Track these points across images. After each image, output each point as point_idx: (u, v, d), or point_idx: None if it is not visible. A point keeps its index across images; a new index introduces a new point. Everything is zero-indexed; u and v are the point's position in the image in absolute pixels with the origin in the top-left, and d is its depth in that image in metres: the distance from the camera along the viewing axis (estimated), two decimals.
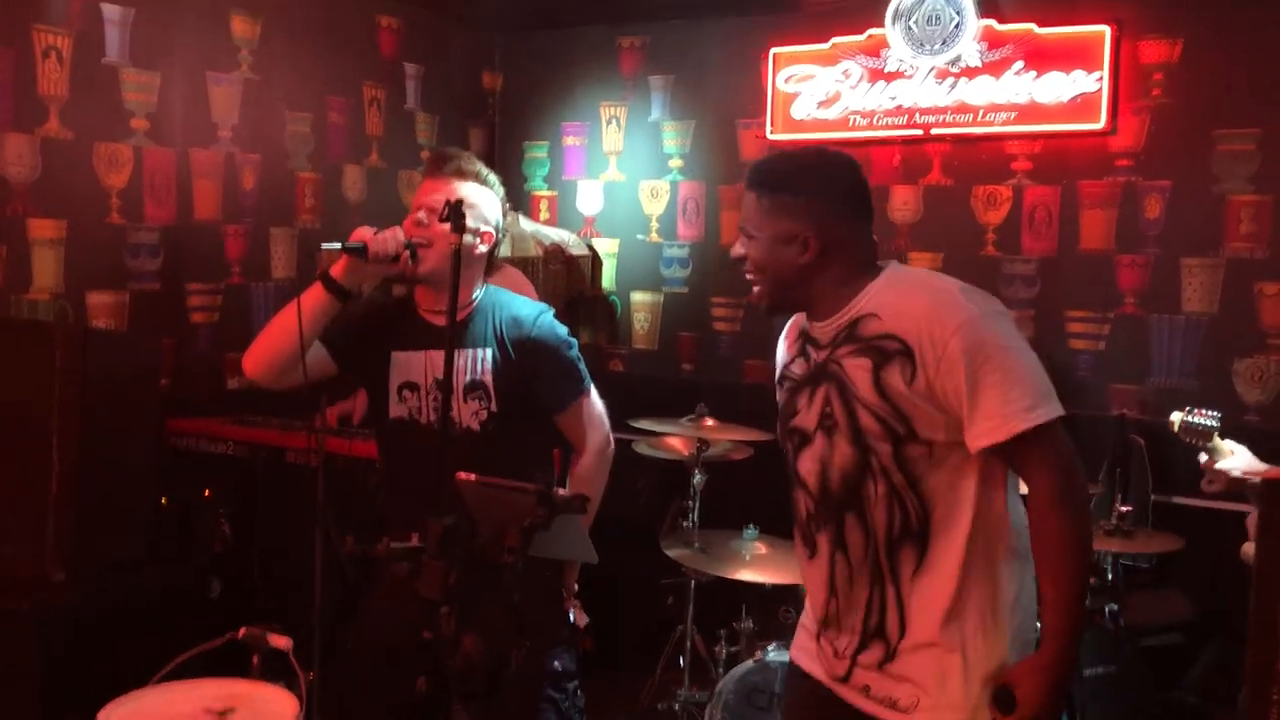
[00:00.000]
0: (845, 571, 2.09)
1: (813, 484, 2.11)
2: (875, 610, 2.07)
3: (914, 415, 1.97)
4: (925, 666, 2.03)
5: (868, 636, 2.08)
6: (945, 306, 1.97)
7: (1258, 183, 4.38)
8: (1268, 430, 4.18)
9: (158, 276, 4.37)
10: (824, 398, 2.08)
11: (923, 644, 2.03)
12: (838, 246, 2.07)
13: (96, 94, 4.12)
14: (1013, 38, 4.71)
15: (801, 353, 2.16)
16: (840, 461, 2.05)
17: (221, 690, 2.09)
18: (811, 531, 2.14)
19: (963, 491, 2.01)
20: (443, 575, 1.98)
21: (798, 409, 2.13)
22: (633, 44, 5.68)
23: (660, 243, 5.66)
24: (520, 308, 2.71)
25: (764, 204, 2.08)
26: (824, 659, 2.20)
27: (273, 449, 4.06)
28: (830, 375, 2.07)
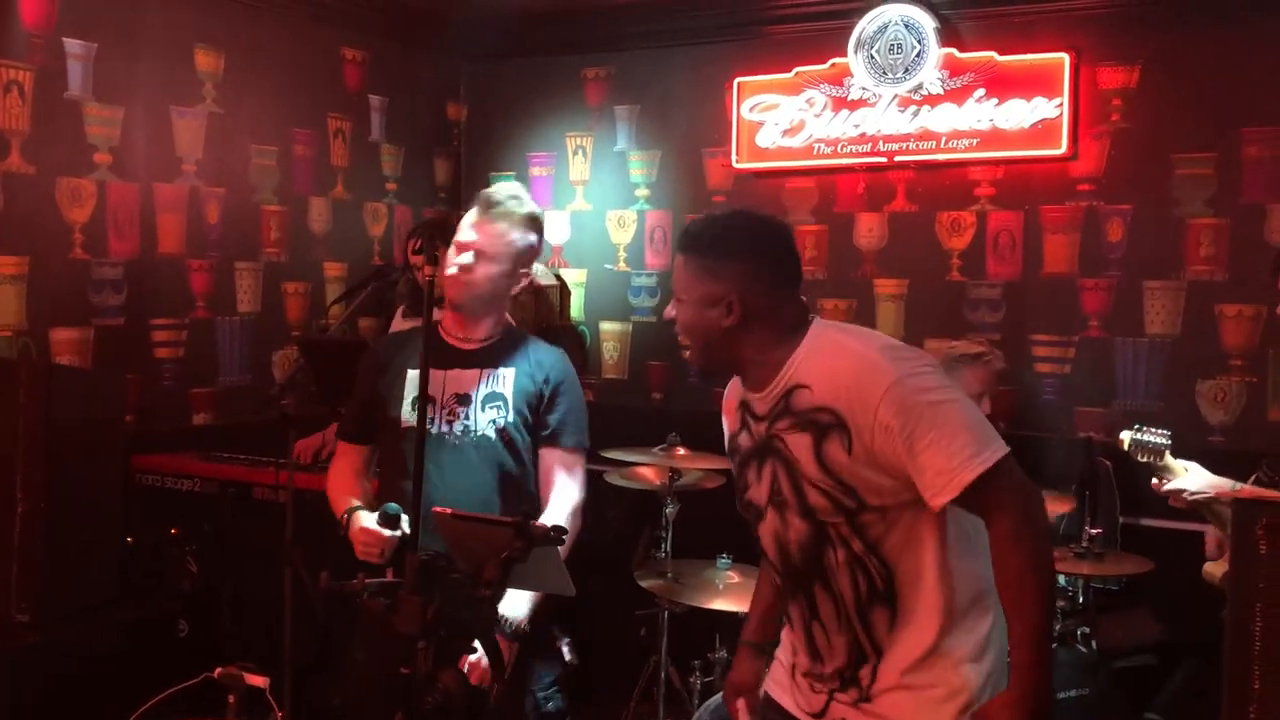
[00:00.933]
0: (823, 637, 2.10)
1: (774, 556, 2.13)
2: (853, 664, 2.08)
3: (859, 486, 1.97)
4: (902, 705, 2.04)
5: (845, 682, 2.10)
6: (868, 373, 1.95)
7: (1215, 206, 4.45)
8: (1231, 450, 4.23)
9: (122, 312, 4.33)
10: (771, 474, 2.07)
11: (902, 683, 2.03)
12: (761, 312, 2.05)
13: (59, 128, 4.09)
14: (974, 65, 4.77)
15: (744, 424, 2.15)
16: (796, 536, 2.06)
17: None
18: (787, 601, 2.18)
19: (923, 546, 2.01)
20: (420, 610, 1.96)
21: (749, 483, 2.14)
22: (598, 74, 5.71)
23: (628, 272, 5.67)
24: (547, 350, 2.84)
25: (690, 267, 2.08)
26: (798, 693, 2.20)
27: (240, 485, 4.03)
28: (774, 451, 2.06)
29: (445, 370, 2.70)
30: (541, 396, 2.73)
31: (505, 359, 2.75)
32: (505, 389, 2.71)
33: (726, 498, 4.23)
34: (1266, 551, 1.46)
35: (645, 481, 4.44)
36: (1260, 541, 1.46)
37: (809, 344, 2.04)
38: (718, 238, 2.09)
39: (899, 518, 1.99)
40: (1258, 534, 1.46)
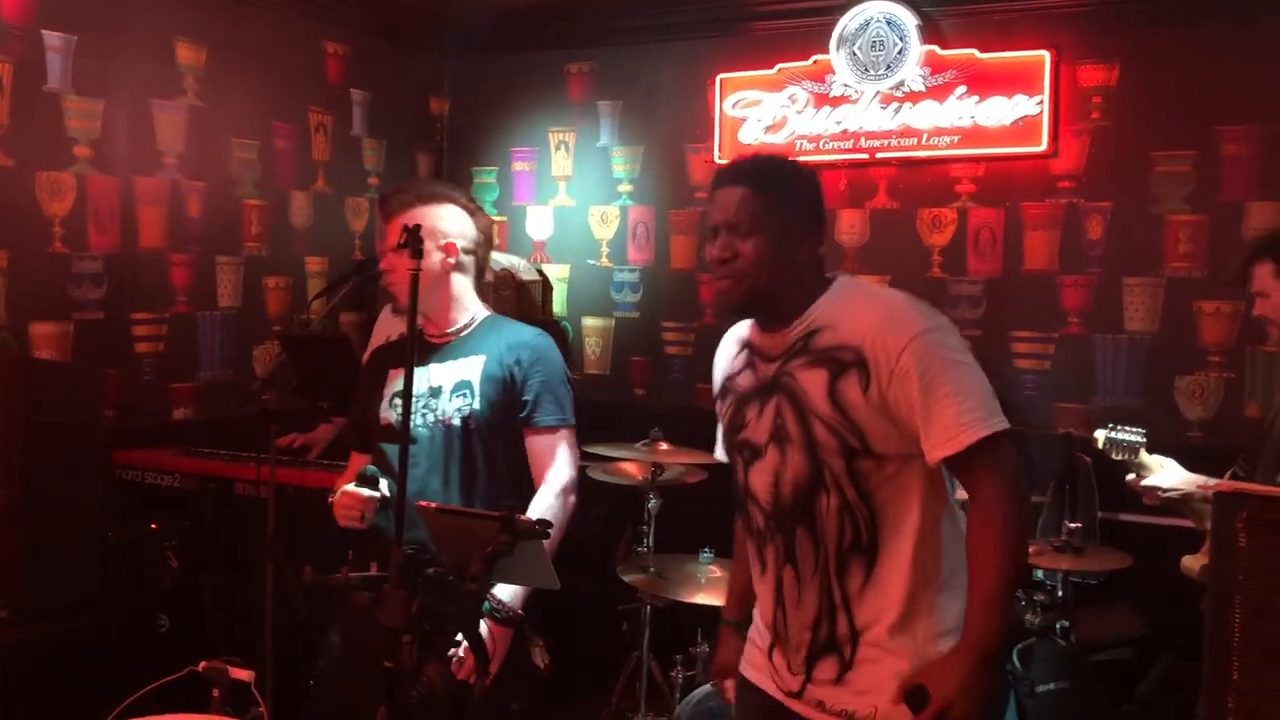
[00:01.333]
0: (794, 585, 2.10)
1: (764, 497, 2.12)
2: (825, 623, 2.08)
3: (867, 428, 1.99)
4: (880, 677, 2.04)
5: (817, 649, 2.09)
6: (897, 319, 2.01)
7: (1194, 203, 4.48)
8: (1210, 446, 4.26)
9: (102, 306, 4.31)
10: (775, 410, 2.08)
11: (875, 656, 2.05)
12: (813, 251, 2.10)
13: (38, 121, 4.06)
14: (955, 63, 4.79)
15: (748, 365, 2.17)
16: (793, 474, 2.06)
17: None
18: (761, 547, 2.16)
19: (910, 506, 2.04)
20: (404, 604, 1.96)
21: (746, 421, 2.14)
22: (581, 69, 5.71)
23: (611, 267, 5.67)
24: (525, 330, 2.82)
25: (760, 200, 2.05)
26: (775, 674, 2.20)
27: (221, 480, 4.01)
28: (782, 388, 2.08)
29: (425, 367, 2.71)
30: (513, 379, 2.70)
31: (478, 346, 2.74)
32: (473, 375, 2.69)
33: (709, 492, 4.28)
34: (1247, 543, 1.47)
35: (628, 477, 4.44)
36: (1240, 533, 1.48)
37: (837, 291, 2.10)
38: (789, 175, 2.11)
39: (896, 472, 2.02)
40: (1238, 526, 1.48)
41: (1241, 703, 1.48)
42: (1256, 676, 1.47)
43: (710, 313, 5.43)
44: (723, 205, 2.07)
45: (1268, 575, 1.47)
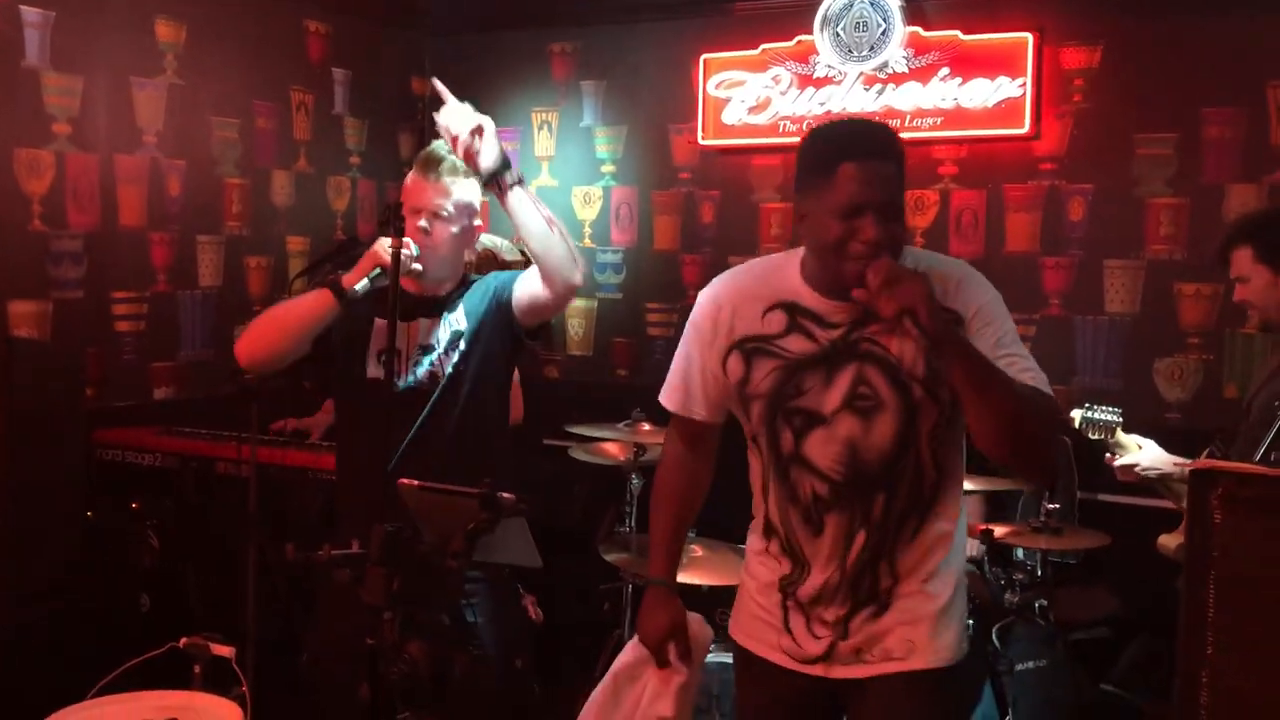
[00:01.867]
0: (860, 546, 2.10)
1: (831, 466, 2.08)
2: (869, 575, 2.11)
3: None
4: (915, 614, 2.11)
5: (860, 601, 2.12)
6: (975, 280, 2.08)
7: (1175, 186, 4.50)
8: (1188, 427, 4.29)
9: (81, 285, 4.28)
10: (855, 378, 2.05)
11: (910, 595, 2.11)
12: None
13: (16, 98, 4.02)
14: (938, 44, 4.79)
15: (794, 328, 2.09)
16: (878, 441, 2.05)
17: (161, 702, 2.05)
18: (818, 513, 2.11)
19: (957, 463, 2.13)
20: (386, 581, 1.96)
21: (804, 389, 2.08)
22: (564, 49, 5.69)
23: (593, 248, 5.66)
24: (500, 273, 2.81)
25: (900, 178, 1.99)
26: (788, 643, 2.18)
27: (202, 459, 3.99)
28: (864, 354, 2.04)
29: (409, 322, 2.67)
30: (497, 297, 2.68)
31: (463, 300, 2.71)
32: (461, 324, 2.67)
33: None
34: (1221, 520, 1.49)
35: (610, 457, 4.45)
36: (1215, 510, 1.49)
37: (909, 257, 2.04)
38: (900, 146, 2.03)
39: (953, 435, 2.09)
40: (1213, 503, 1.49)
41: (1215, 680, 1.50)
42: (1230, 653, 1.49)
43: (694, 294, 5.41)
44: (876, 183, 1.93)
45: (1242, 552, 1.48)
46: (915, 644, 2.11)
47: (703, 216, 5.39)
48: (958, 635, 2.14)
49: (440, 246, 2.65)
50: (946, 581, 2.13)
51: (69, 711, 1.99)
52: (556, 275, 2.56)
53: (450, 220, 2.66)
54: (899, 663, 2.11)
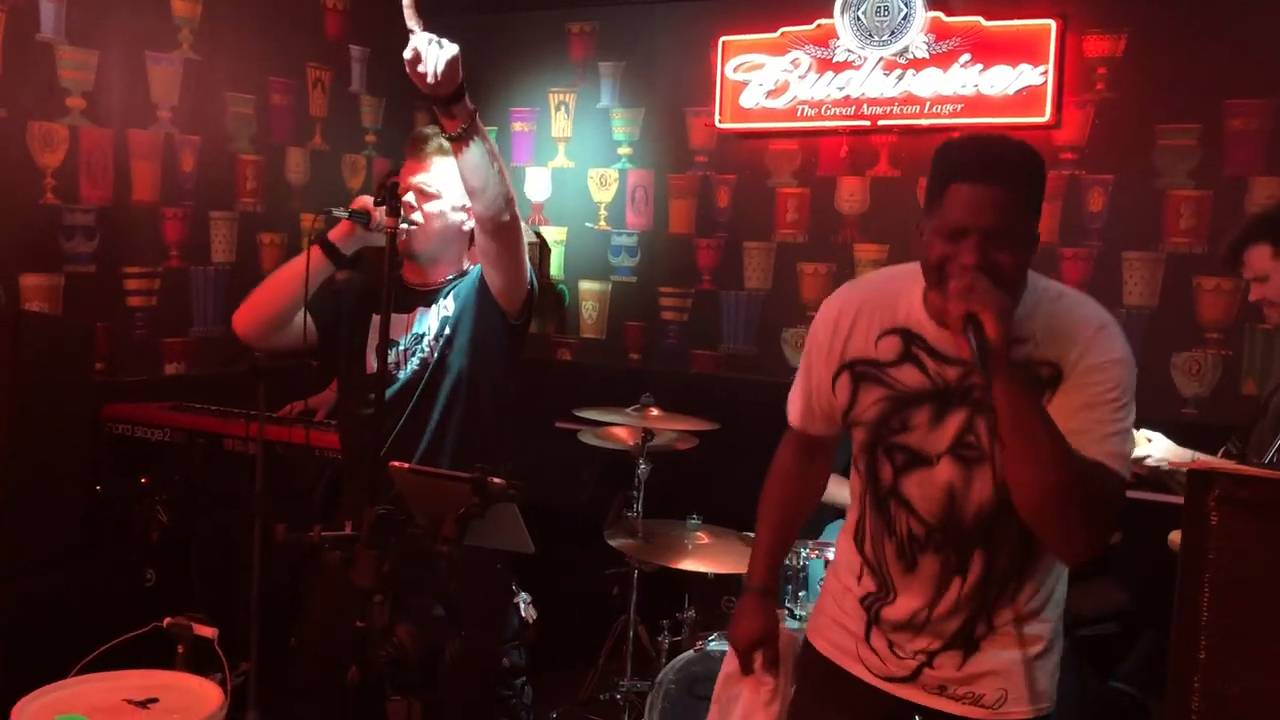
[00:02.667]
0: (954, 598, 2.03)
1: (928, 509, 2.01)
2: (965, 627, 2.03)
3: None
4: (1009, 662, 2.02)
5: (947, 644, 2.05)
6: (1106, 340, 1.90)
7: (1197, 178, 4.43)
8: (1205, 423, 4.24)
9: (93, 259, 4.28)
10: (964, 424, 1.95)
11: (1005, 641, 2.03)
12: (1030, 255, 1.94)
13: (31, 71, 4.02)
14: (960, 30, 4.73)
15: (908, 358, 1.99)
16: (979, 497, 1.96)
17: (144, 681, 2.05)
18: (913, 551, 2.04)
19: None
20: (376, 564, 1.95)
21: (910, 426, 1.99)
22: (582, 29, 5.65)
23: (609, 231, 5.63)
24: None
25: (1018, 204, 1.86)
26: (873, 659, 2.12)
27: (211, 436, 4.00)
28: (974, 402, 1.93)
29: (407, 314, 2.67)
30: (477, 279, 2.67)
31: (452, 292, 2.71)
32: (449, 310, 2.66)
33: (699, 459, 4.27)
34: (1217, 522, 1.45)
35: (619, 442, 4.43)
36: (1211, 511, 1.45)
37: (1036, 295, 1.94)
38: (1041, 171, 1.92)
39: None
40: (1209, 504, 1.45)
41: (1207, 684, 1.46)
42: (1223, 657, 1.46)
43: (708, 278, 5.40)
44: (983, 207, 1.81)
45: (1238, 554, 1.45)
46: (1009, 693, 2.02)
47: (718, 201, 5.36)
48: (1050, 683, 2.05)
49: (428, 223, 2.64)
50: (1044, 627, 2.04)
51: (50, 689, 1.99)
52: (486, 212, 2.49)
53: (437, 197, 2.64)
54: (990, 712, 2.03)
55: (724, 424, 4.10)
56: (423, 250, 2.67)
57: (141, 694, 1.98)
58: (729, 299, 5.35)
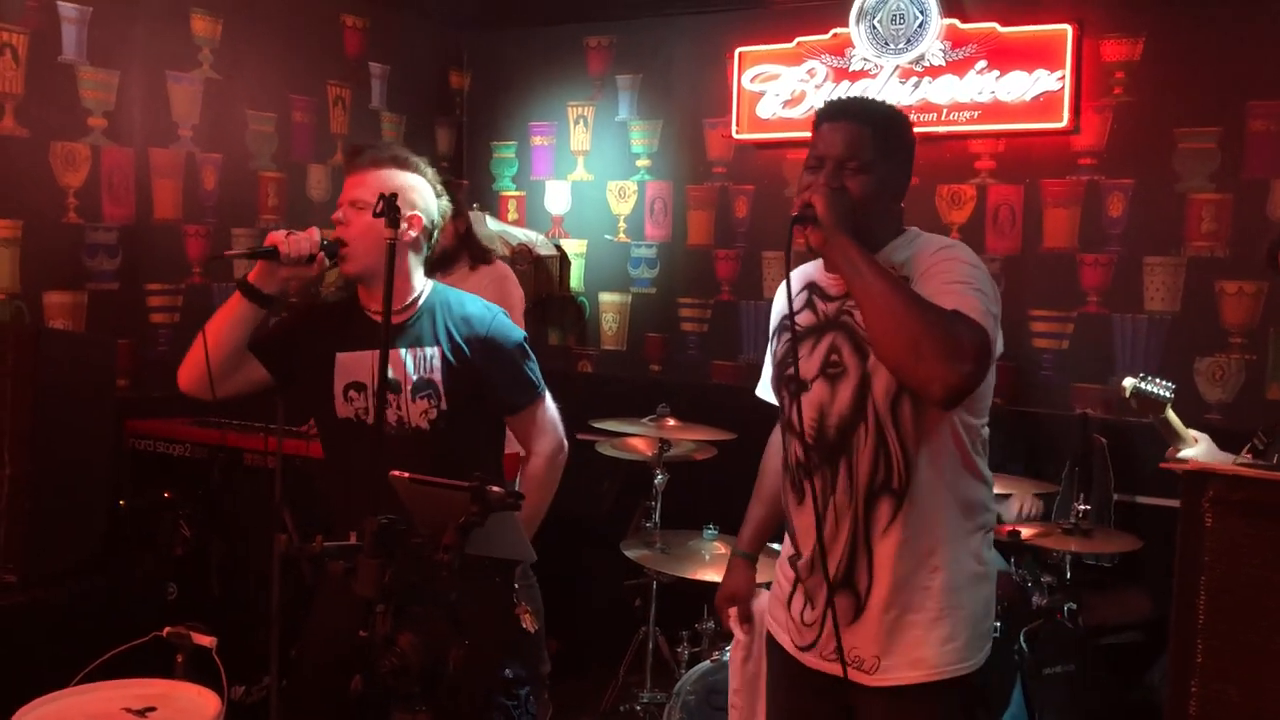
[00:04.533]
0: (832, 516, 2.13)
1: (808, 430, 2.15)
2: (845, 559, 2.12)
3: None
4: (889, 629, 2.10)
5: (837, 587, 2.12)
6: (950, 249, 2.10)
7: (1218, 181, 4.39)
8: (1229, 428, 4.18)
9: (116, 276, 4.34)
10: (829, 346, 2.13)
11: (887, 605, 2.09)
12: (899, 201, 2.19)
13: (53, 92, 4.08)
14: (976, 37, 4.71)
15: (808, 304, 2.21)
16: (839, 408, 2.10)
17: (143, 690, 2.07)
18: (800, 477, 2.17)
19: (941, 458, 2.09)
20: (378, 573, 1.96)
21: (798, 357, 2.16)
22: (600, 43, 5.67)
23: (628, 243, 5.64)
24: (471, 306, 2.64)
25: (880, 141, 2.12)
26: (790, 628, 2.24)
27: (231, 450, 4.03)
28: (840, 325, 2.12)
29: (371, 351, 2.54)
30: (474, 368, 2.56)
31: (428, 334, 2.58)
32: (434, 374, 2.54)
33: (717, 469, 4.26)
34: (1212, 524, 1.44)
35: (637, 452, 4.44)
36: (1206, 514, 1.44)
37: (907, 237, 2.16)
38: (904, 124, 2.19)
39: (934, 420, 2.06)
40: (1203, 506, 1.44)
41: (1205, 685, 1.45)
42: (1220, 660, 1.44)
43: (727, 289, 5.40)
44: (835, 140, 2.09)
45: (1233, 557, 1.43)
46: (881, 660, 2.10)
47: (737, 211, 5.36)
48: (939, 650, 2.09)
49: (359, 236, 2.51)
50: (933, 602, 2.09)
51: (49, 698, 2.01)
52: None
53: (368, 208, 2.45)
54: (867, 677, 2.12)
55: (743, 434, 4.09)
56: (361, 270, 2.55)
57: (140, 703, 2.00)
58: (749, 309, 5.34)
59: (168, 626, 2.18)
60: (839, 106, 2.16)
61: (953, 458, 2.10)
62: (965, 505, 2.13)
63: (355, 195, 2.54)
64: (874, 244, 2.08)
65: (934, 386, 1.89)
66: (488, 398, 2.61)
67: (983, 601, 2.16)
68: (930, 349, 1.87)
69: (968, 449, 2.12)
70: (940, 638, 2.08)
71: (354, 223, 2.53)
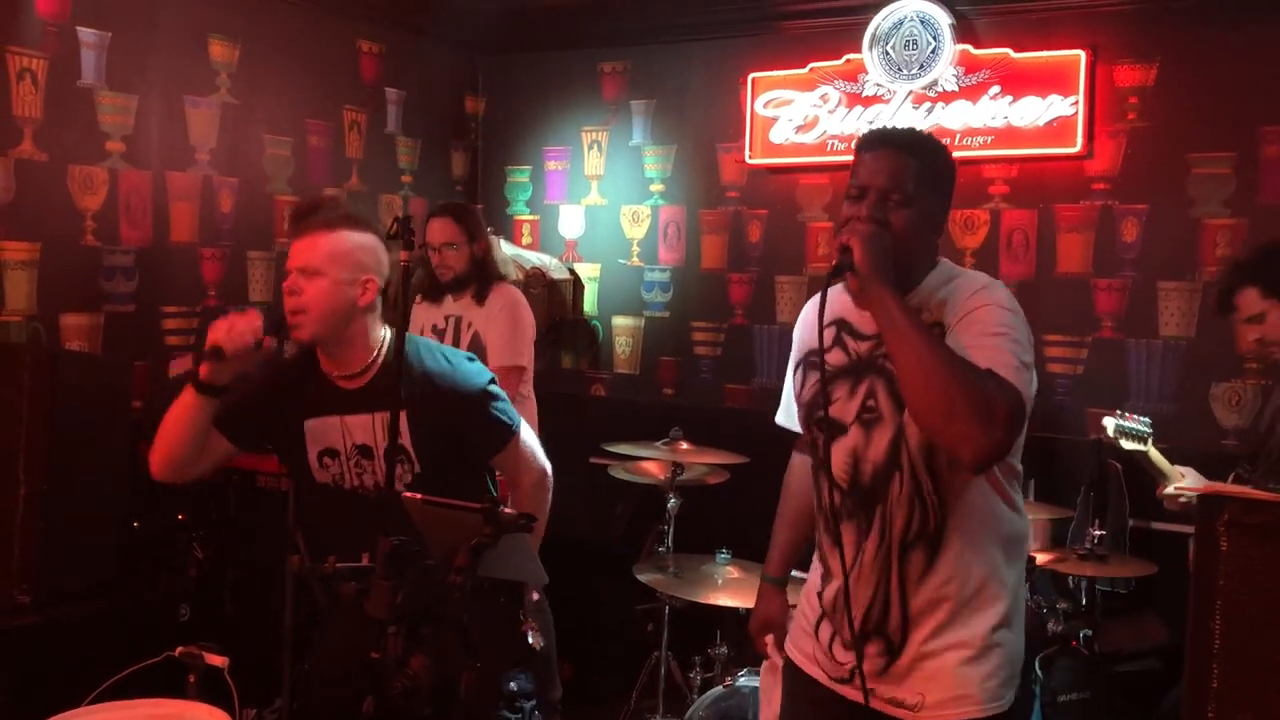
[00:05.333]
0: (864, 563, 2.10)
1: (842, 476, 2.12)
2: (879, 607, 2.09)
3: None
4: (929, 669, 2.06)
5: (868, 634, 2.10)
6: (986, 291, 2.03)
7: (1233, 206, 4.38)
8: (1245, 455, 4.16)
9: (133, 299, 4.37)
10: (867, 391, 2.08)
11: (922, 650, 2.06)
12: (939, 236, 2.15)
13: (71, 116, 4.12)
14: (989, 62, 4.72)
15: (837, 341, 2.16)
16: (874, 455, 2.07)
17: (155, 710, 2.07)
18: (835, 523, 2.14)
19: (976, 500, 2.05)
20: (390, 595, 1.96)
21: (833, 399, 2.13)
22: (614, 69, 5.70)
23: (641, 267, 5.66)
24: (430, 362, 2.56)
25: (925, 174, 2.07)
26: (822, 660, 2.20)
27: (244, 473, 4.04)
28: (877, 369, 2.07)
29: (339, 416, 2.52)
30: (445, 428, 2.52)
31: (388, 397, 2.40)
32: (405, 440, 2.46)
33: (727, 492, 4.26)
34: (1228, 548, 1.43)
35: (649, 476, 4.43)
36: (1221, 537, 1.43)
37: (940, 272, 2.11)
38: (946, 156, 2.13)
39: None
40: (1219, 529, 1.43)
41: (1222, 711, 1.44)
42: (1237, 683, 1.43)
43: (740, 313, 5.40)
44: (879, 170, 2.04)
45: (1249, 580, 1.42)
46: (925, 699, 2.06)
47: (750, 235, 5.37)
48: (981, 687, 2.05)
49: (313, 305, 2.43)
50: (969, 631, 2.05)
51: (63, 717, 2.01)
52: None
53: (319, 276, 2.43)
54: (911, 713, 2.07)
55: (756, 458, 4.08)
56: (315, 335, 2.47)
57: None
58: (761, 334, 5.34)
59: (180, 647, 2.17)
60: (882, 135, 2.12)
61: (988, 498, 2.07)
62: (1004, 541, 2.10)
63: (305, 262, 2.45)
64: (911, 279, 2.04)
65: (964, 450, 1.85)
66: (465, 448, 2.58)
67: (1020, 637, 2.13)
68: (963, 412, 1.82)
69: (1004, 487, 2.09)
70: (983, 674, 2.05)
71: (306, 290, 2.44)
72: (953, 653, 2.05)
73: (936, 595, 2.05)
